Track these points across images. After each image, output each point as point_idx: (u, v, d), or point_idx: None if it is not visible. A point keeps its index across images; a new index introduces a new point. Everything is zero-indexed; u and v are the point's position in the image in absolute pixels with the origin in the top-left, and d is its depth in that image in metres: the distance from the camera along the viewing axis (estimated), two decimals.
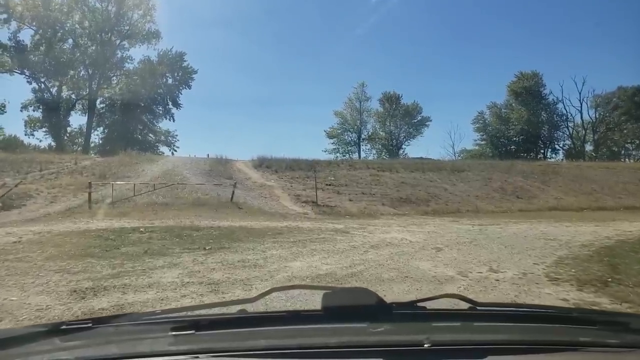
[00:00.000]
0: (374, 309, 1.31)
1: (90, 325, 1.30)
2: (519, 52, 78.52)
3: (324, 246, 9.79)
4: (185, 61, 52.80)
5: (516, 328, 1.37)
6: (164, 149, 54.23)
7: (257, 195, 22.51)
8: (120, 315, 2.04)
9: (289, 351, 1.18)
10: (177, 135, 55.77)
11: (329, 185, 25.78)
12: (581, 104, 59.82)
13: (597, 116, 60.64)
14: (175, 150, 53.84)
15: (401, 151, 56.80)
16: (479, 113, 64.93)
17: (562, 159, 57.18)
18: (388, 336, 1.23)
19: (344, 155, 52.91)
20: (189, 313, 1.49)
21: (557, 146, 63.68)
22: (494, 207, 23.56)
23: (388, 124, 57.89)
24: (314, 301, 3.71)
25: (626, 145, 64.17)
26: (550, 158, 60.21)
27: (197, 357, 1.14)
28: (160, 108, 54.17)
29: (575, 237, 11.52)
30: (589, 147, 61.88)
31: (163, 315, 1.48)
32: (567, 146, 62.72)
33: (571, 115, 61.50)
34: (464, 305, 1.44)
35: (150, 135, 55.08)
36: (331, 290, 1.40)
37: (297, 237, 11.16)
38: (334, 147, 57.02)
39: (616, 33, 78.04)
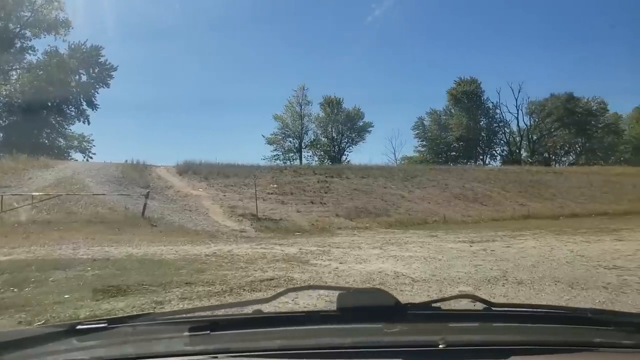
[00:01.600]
0: (389, 310, 1.26)
1: (105, 325, 1.26)
2: (459, 58, 78.54)
3: (275, 303, 5.62)
4: (102, 56, 46.26)
5: (531, 329, 1.33)
6: (78, 155, 47.11)
7: (179, 208, 17.85)
8: (135, 316, 1.74)
9: (304, 351, 1.16)
10: (93, 140, 48.80)
11: (272, 194, 21.63)
12: (517, 111, 60.08)
13: (531, 123, 61.22)
14: (91, 157, 46.82)
15: (344, 158, 53.74)
16: (419, 119, 63.59)
17: (500, 165, 56.80)
18: (403, 337, 1.21)
19: (284, 163, 48.79)
20: (204, 313, 1.45)
21: (495, 152, 63.63)
22: (462, 216, 20.56)
23: (330, 129, 54.63)
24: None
25: (556, 151, 65.70)
26: (488, 164, 59.85)
27: (213, 357, 1.12)
28: (73, 109, 47.02)
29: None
30: (524, 153, 62.42)
31: (178, 316, 1.44)
32: (504, 152, 62.80)
33: (508, 121, 61.68)
34: (479, 306, 1.38)
35: (60, 139, 47.72)
36: (346, 291, 1.39)
37: (228, 277, 6.99)
38: (274, 154, 52.84)
39: (549, 40, 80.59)
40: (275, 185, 22.75)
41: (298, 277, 7.08)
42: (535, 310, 1.77)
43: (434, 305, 1.38)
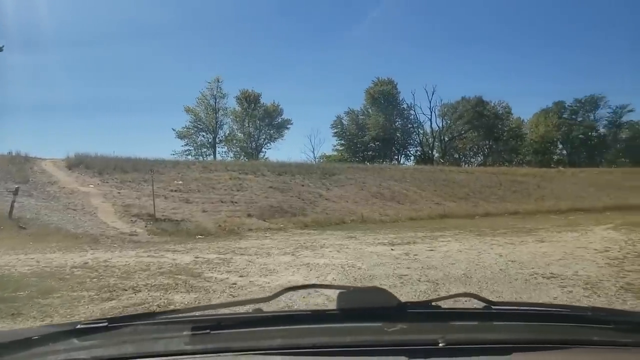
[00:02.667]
0: (388, 309, 1.27)
1: (106, 324, 1.24)
2: (378, 59, 79.49)
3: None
4: None
5: (531, 327, 1.33)
6: None
7: (61, 207, 15.13)
8: (135, 315, 1.64)
9: (304, 350, 1.15)
10: None
11: (176, 191, 19.38)
12: (431, 112, 62.02)
13: (444, 124, 63.53)
14: None
15: (262, 154, 51.78)
16: (338, 118, 63.51)
17: (414, 165, 58.26)
18: (403, 335, 1.20)
19: (197, 158, 45.67)
20: (205, 312, 1.44)
21: (409, 152, 65.27)
22: (379, 215, 19.77)
23: (247, 124, 52.36)
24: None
25: (466, 152, 68.94)
26: (403, 164, 61.21)
27: (213, 357, 1.13)
28: None
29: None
30: (436, 154, 64.67)
31: (178, 315, 1.44)
32: (418, 152, 64.60)
33: (422, 122, 63.49)
34: (479, 305, 1.38)
35: None
36: (346, 289, 1.37)
37: (80, 302, 5.15)
38: (186, 149, 49.48)
39: (461, 45, 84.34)
40: (180, 182, 20.50)
41: (179, 300, 5.39)
42: (535, 308, 1.84)
43: (433, 303, 1.38)
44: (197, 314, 1.41)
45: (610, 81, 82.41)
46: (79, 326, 1.26)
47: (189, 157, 46.25)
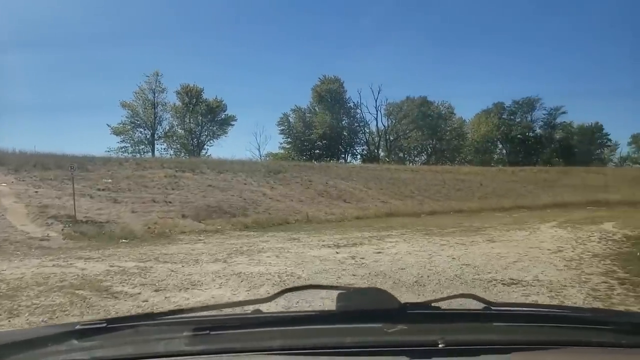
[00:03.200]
0: (388, 309, 1.24)
1: (105, 325, 1.22)
2: (325, 57, 78.95)
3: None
4: None
5: (531, 328, 1.31)
6: None
7: None
8: (135, 316, 1.69)
9: (304, 351, 1.16)
10: None
11: (103, 190, 17.64)
12: (377, 112, 62.28)
13: (389, 124, 64.04)
14: None
15: (204, 152, 49.69)
16: (284, 115, 62.49)
17: (361, 163, 58.33)
18: (402, 336, 1.18)
19: (134, 155, 42.90)
20: (204, 313, 1.40)
21: (355, 151, 65.29)
22: (325, 214, 18.98)
23: (188, 120, 50.03)
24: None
25: (410, 152, 70.00)
26: (350, 162, 61.13)
27: (213, 357, 1.13)
28: None
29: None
30: (382, 153, 65.12)
31: (178, 316, 1.42)
32: (364, 151, 64.74)
33: (368, 121, 63.70)
34: (479, 305, 1.36)
35: None
36: (345, 290, 1.35)
37: None
38: (122, 145, 46.48)
39: (406, 44, 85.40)
40: (109, 180, 18.71)
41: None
42: (534, 309, 1.81)
43: (433, 304, 1.36)
44: (196, 315, 1.37)
45: (545, 84, 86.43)
46: (78, 327, 1.24)
47: (126, 154, 43.49)
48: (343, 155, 64.75)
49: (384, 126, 63.92)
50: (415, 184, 29.89)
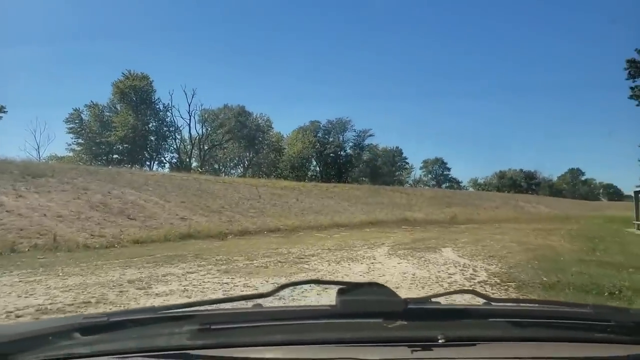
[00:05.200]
0: (388, 305, 1.23)
1: (106, 319, 1.21)
2: (130, 53, 69.62)
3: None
4: None
5: (531, 324, 1.29)
6: None
7: None
8: (137, 310, 1.66)
9: (304, 346, 1.16)
10: None
11: None
12: (190, 117, 56.51)
13: (204, 131, 58.88)
14: None
15: None
16: (75, 111, 52.22)
17: (168, 173, 51.84)
18: (402, 331, 1.19)
19: None
20: (205, 307, 1.36)
21: (164, 158, 58.25)
22: (89, 236, 13.32)
23: None
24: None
25: (227, 163, 65.96)
26: (157, 171, 53.88)
27: (214, 351, 1.13)
28: None
29: None
30: (195, 163, 59.49)
31: (179, 310, 1.34)
32: (175, 159, 58.15)
33: (180, 127, 57.54)
34: (479, 301, 1.40)
35: None
36: (345, 285, 1.30)
37: None
38: None
39: (224, 49, 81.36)
40: None
41: None
42: (534, 305, 1.80)
43: (433, 300, 1.39)
44: (197, 309, 1.33)
45: (355, 107, 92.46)
46: (79, 321, 1.23)
47: None
48: (149, 163, 57.08)
49: (198, 134, 58.53)
50: (227, 197, 25.63)
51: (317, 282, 1.92)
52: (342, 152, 66.69)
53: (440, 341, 1.13)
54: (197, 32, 73.78)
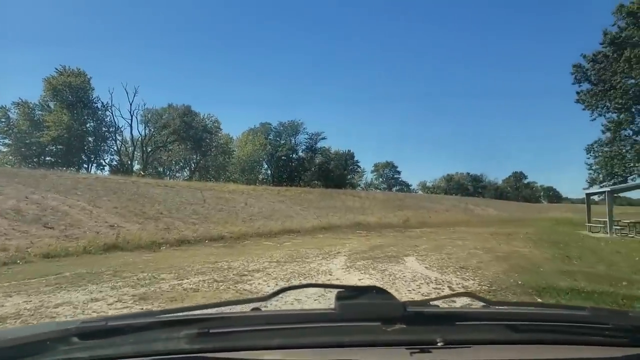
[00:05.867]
0: (387, 308, 1.22)
1: (104, 323, 1.20)
2: (67, 48, 64.86)
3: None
4: None
5: (529, 327, 1.29)
6: None
7: None
8: (134, 314, 1.58)
9: (303, 349, 1.15)
10: None
11: None
12: (132, 117, 53.26)
13: (146, 132, 55.59)
14: None
15: None
16: (2, 108, 47.75)
17: (107, 175, 48.32)
18: (401, 335, 1.18)
19: None
20: (203, 311, 1.34)
21: (103, 161, 54.47)
22: None
23: None
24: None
25: (172, 166, 62.84)
26: (94, 174, 50.14)
27: (212, 355, 1.11)
28: None
29: None
30: (137, 165, 56.05)
31: (177, 314, 1.35)
32: (115, 162, 54.50)
33: (120, 127, 54.05)
34: (478, 304, 1.39)
35: None
36: (344, 289, 1.31)
37: None
38: None
39: (167, 46, 77.78)
40: None
41: None
42: (532, 308, 1.81)
43: (432, 303, 1.36)
44: (196, 313, 1.31)
45: (306, 110, 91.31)
46: (77, 325, 1.21)
47: None
48: (86, 166, 53.20)
49: (140, 135, 55.26)
50: (168, 202, 23.42)
51: (316, 285, 2.07)
52: (294, 155, 65.22)
53: (439, 344, 1.12)
54: (139, 28, 69.99)
